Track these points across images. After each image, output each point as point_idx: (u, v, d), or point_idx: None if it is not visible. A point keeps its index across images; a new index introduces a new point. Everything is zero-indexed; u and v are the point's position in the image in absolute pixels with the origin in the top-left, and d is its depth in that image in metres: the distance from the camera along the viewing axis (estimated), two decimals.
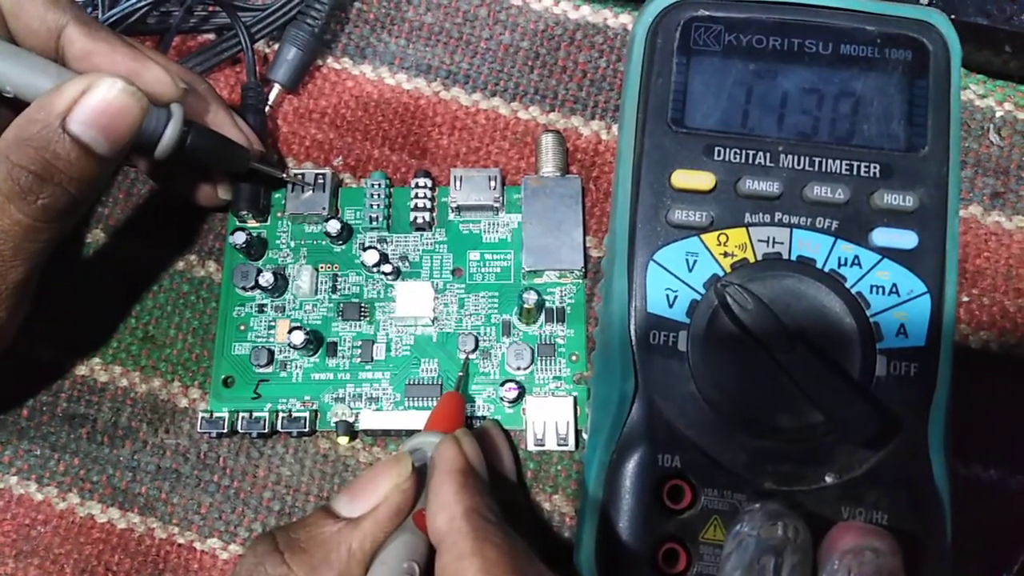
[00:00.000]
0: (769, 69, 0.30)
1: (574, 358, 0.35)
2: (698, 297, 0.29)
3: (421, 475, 0.28)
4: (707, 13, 0.31)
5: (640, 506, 0.28)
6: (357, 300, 0.36)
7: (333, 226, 0.36)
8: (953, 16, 0.33)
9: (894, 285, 0.29)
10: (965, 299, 0.37)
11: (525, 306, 0.34)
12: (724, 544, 0.26)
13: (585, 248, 0.36)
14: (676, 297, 0.29)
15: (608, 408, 0.29)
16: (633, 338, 0.29)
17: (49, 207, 0.28)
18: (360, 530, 0.26)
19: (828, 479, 0.28)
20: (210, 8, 0.39)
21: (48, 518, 0.35)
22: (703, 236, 0.29)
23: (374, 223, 0.37)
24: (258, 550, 0.26)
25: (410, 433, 0.34)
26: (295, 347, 0.34)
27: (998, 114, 0.39)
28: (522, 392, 0.35)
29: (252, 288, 0.36)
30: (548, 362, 0.35)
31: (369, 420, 0.34)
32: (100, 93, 0.28)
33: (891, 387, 0.28)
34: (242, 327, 0.36)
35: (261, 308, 0.36)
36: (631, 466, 0.28)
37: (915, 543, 0.27)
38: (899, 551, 0.25)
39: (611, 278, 0.30)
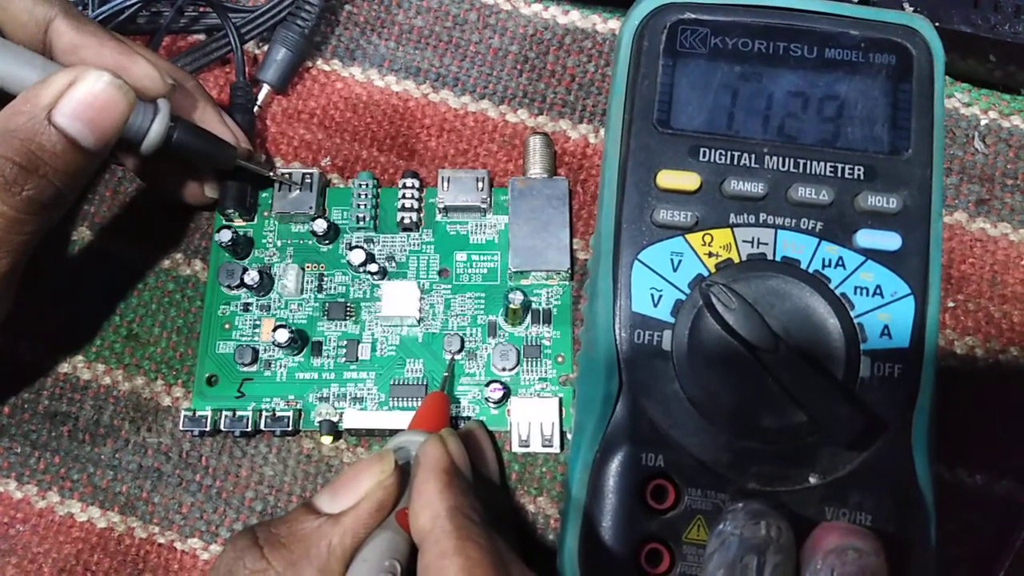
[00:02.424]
0: (754, 72, 0.31)
1: (560, 359, 0.35)
2: (683, 297, 0.29)
3: (404, 473, 0.28)
4: (693, 16, 0.31)
5: (623, 506, 0.28)
6: (343, 300, 0.36)
7: (320, 226, 0.36)
8: (937, 24, 0.33)
9: (878, 286, 0.29)
10: (950, 305, 0.37)
11: (511, 307, 0.34)
12: (707, 544, 0.26)
13: (572, 250, 0.36)
14: (661, 296, 0.29)
15: (592, 407, 0.29)
16: (617, 337, 0.29)
17: (33, 199, 0.28)
18: (341, 526, 0.26)
19: (812, 479, 0.28)
20: (200, 8, 0.40)
21: (27, 516, 0.34)
22: (688, 236, 0.30)
23: (361, 223, 0.37)
24: (238, 545, 0.26)
25: (394, 433, 0.34)
26: (280, 346, 0.34)
27: (983, 122, 0.39)
28: (507, 393, 0.34)
29: (238, 287, 0.36)
30: (534, 363, 0.35)
31: (353, 420, 0.34)
32: (87, 86, 0.28)
33: (875, 388, 0.28)
34: (227, 325, 0.36)
35: (246, 307, 0.36)
36: (614, 465, 0.28)
37: (899, 544, 0.27)
38: (882, 551, 0.25)
39: (596, 277, 0.30)
